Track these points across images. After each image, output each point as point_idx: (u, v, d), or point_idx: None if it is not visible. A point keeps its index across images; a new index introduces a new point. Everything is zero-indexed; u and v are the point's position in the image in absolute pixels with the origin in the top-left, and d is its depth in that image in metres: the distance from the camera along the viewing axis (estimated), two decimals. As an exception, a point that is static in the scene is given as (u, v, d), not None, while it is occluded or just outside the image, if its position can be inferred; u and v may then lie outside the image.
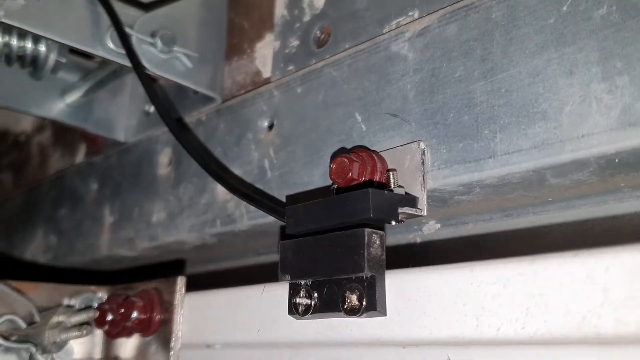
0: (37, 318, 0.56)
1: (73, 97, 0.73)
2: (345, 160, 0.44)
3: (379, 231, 0.41)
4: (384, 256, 0.40)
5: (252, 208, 0.55)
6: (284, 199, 0.55)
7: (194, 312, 0.55)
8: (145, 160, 0.73)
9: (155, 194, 0.69)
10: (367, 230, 0.40)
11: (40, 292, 0.58)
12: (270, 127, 0.58)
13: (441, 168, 0.44)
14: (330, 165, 0.45)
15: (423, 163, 0.44)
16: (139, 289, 0.58)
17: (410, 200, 0.43)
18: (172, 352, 0.54)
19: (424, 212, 0.43)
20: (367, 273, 0.39)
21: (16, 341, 0.54)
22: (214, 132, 0.64)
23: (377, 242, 0.40)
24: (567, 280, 0.32)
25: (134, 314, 0.55)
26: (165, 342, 0.55)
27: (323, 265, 0.42)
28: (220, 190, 0.61)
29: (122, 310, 0.56)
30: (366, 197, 0.40)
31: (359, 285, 0.40)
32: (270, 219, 0.54)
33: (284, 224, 0.47)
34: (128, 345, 0.58)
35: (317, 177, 0.52)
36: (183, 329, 0.55)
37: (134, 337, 0.58)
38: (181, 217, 0.65)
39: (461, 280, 0.37)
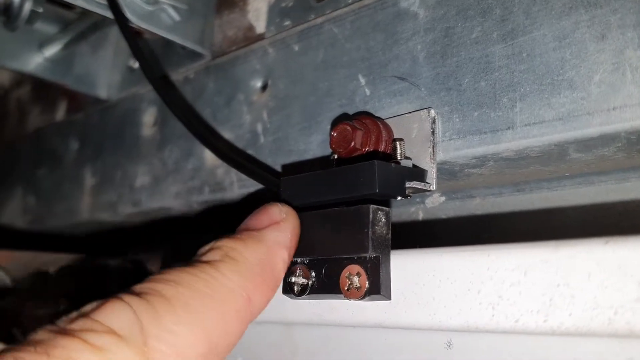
0: (11, 288, 0.53)
1: (52, 50, 0.68)
2: (348, 127, 0.40)
3: (384, 208, 0.37)
4: (390, 235, 0.37)
5: (244, 175, 0.51)
6: (278, 167, 0.51)
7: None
8: (128, 119, 0.68)
9: (139, 156, 0.65)
10: (372, 207, 0.36)
11: (16, 261, 0.54)
12: (264, 87, 0.54)
13: (453, 139, 0.40)
14: (330, 133, 0.41)
15: (433, 133, 0.40)
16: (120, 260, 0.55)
17: (418, 173, 0.39)
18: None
19: (434, 187, 0.40)
20: (371, 254, 0.36)
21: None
22: (203, 92, 0.60)
23: (383, 219, 0.37)
24: (596, 271, 0.29)
25: (116, 286, 0.51)
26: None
27: (322, 243, 0.38)
28: (209, 155, 0.57)
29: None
30: (371, 169, 0.36)
31: (362, 266, 0.36)
32: (264, 187, 0.50)
33: (278, 195, 0.43)
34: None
35: (315, 144, 0.48)
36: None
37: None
38: (166, 182, 0.61)
39: (476, 264, 0.33)
